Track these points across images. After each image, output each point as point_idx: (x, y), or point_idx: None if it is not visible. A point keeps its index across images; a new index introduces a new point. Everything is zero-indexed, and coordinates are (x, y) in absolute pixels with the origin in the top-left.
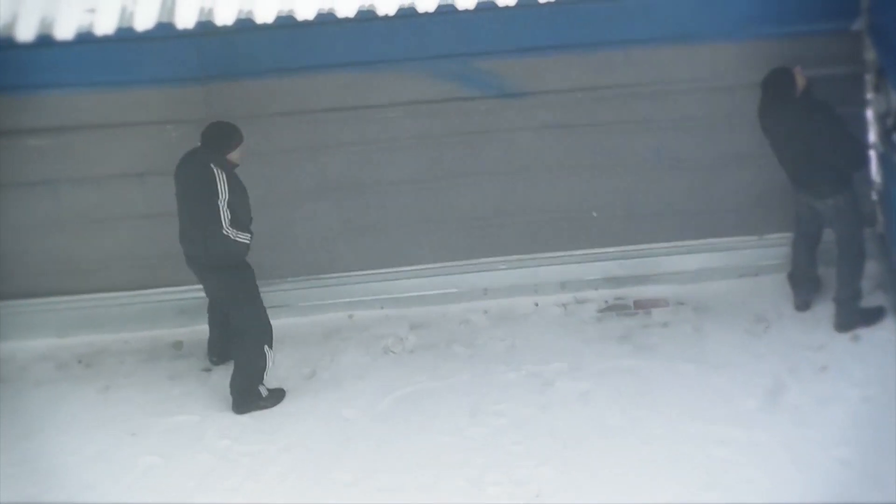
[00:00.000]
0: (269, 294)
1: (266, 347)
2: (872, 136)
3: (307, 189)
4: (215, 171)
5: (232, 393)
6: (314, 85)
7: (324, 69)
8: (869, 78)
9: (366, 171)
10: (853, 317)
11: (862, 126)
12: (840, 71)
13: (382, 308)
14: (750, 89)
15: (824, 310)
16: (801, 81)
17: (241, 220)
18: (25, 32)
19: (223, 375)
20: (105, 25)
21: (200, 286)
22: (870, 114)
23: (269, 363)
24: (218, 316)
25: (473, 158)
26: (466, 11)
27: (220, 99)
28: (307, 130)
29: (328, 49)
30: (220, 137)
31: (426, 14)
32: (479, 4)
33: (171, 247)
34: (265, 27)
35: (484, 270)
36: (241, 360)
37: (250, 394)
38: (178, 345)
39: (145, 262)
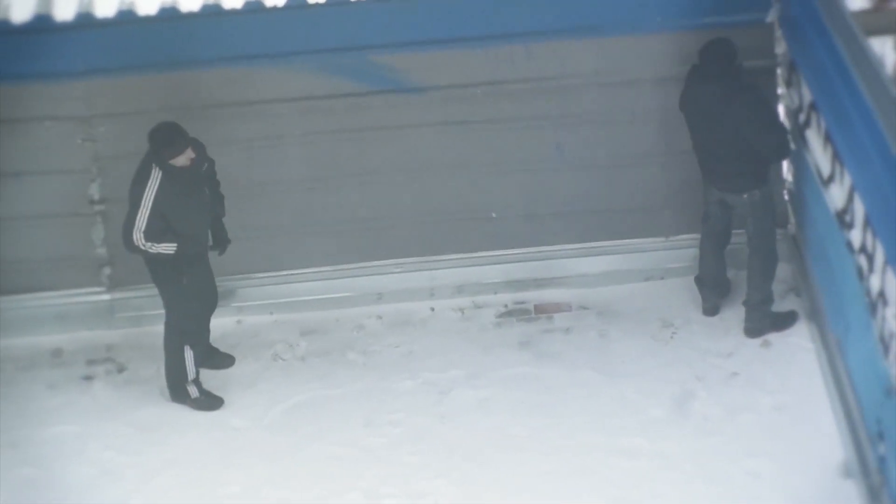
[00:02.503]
0: (153, 299)
1: (186, 347)
2: None
3: None
4: (152, 171)
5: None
6: (198, 80)
7: (209, 63)
8: (780, 72)
9: (253, 170)
10: (764, 321)
11: None
12: (751, 64)
13: (272, 313)
14: (657, 84)
15: (734, 314)
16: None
17: (171, 228)
18: None
19: (105, 384)
20: None
21: (81, 291)
22: (781, 109)
23: (189, 364)
24: None
25: (366, 157)
26: (360, 2)
27: (100, 95)
28: (191, 128)
29: (213, 42)
30: (157, 141)
31: (318, 5)
32: None
33: (51, 250)
34: (148, 20)
35: (378, 274)
36: (165, 352)
37: (178, 390)
38: (57, 352)
39: (23, 265)
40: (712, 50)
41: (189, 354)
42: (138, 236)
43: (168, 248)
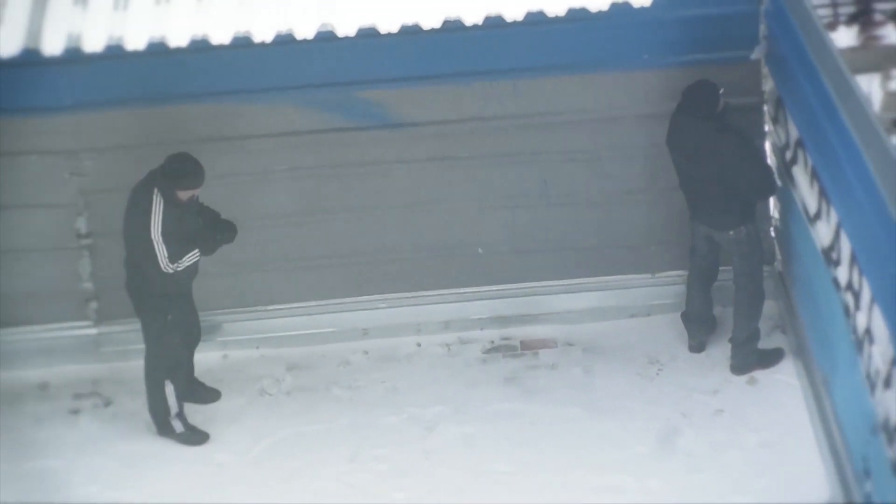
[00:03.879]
0: (135, 333)
1: (167, 382)
2: None
3: None
4: (154, 198)
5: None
6: (186, 114)
7: (195, 98)
8: (767, 109)
9: (238, 204)
10: (750, 358)
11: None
12: (738, 101)
13: (258, 348)
14: (644, 120)
15: (720, 351)
16: (721, 102)
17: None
18: None
19: (92, 418)
20: None
21: (67, 325)
22: (768, 146)
23: (171, 398)
24: None
25: (352, 192)
26: (347, 38)
27: (87, 129)
28: None
29: (201, 77)
30: (174, 171)
31: (305, 40)
32: (360, 31)
33: (38, 284)
34: (135, 54)
35: (364, 309)
36: (146, 387)
37: (163, 424)
38: (43, 386)
39: (9, 299)
40: (695, 92)
41: (170, 389)
42: (166, 265)
43: (192, 256)
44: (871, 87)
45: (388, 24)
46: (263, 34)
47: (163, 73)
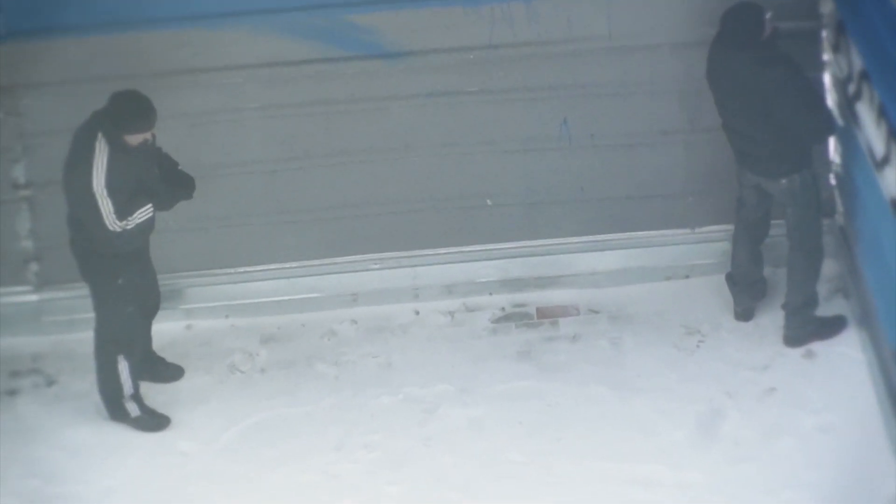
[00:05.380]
0: (83, 300)
1: (120, 358)
2: (830, 106)
3: None
4: (97, 145)
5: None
6: (142, 43)
7: (154, 24)
8: (826, 35)
9: (205, 149)
10: (806, 328)
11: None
12: (790, 26)
13: (227, 317)
14: (679, 49)
15: (771, 320)
16: (767, 28)
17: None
18: None
19: (32, 400)
20: None
21: (2, 290)
22: (827, 79)
23: (125, 377)
24: None
25: (339, 135)
26: None
27: (24, 61)
28: None
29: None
30: (119, 112)
31: None
32: None
33: None
34: None
35: (353, 271)
36: (96, 364)
37: (115, 407)
38: None
39: None
40: (735, 16)
41: (123, 366)
42: (113, 222)
43: (144, 212)
44: None
45: None
46: None
47: None
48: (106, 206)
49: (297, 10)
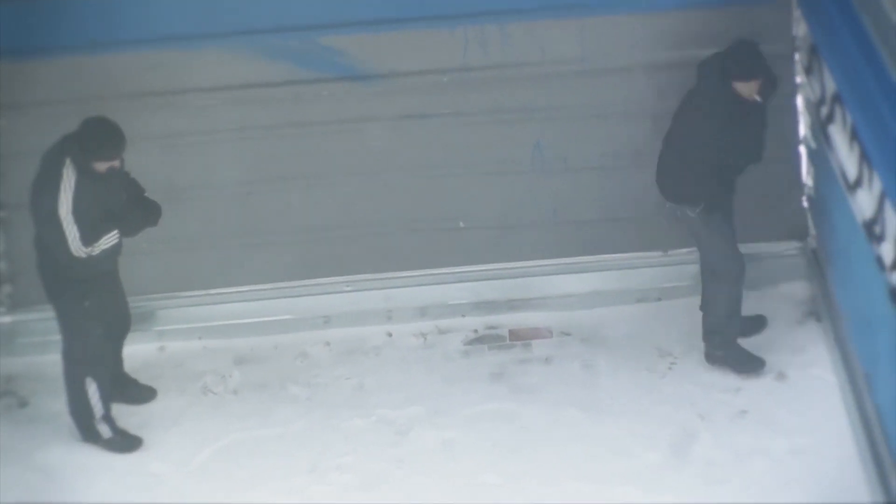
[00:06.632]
0: (55, 322)
1: (88, 380)
2: (803, 129)
3: None
4: (64, 171)
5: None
6: (115, 65)
7: (127, 46)
8: (799, 57)
9: (177, 171)
10: (725, 351)
11: (791, 117)
12: (764, 49)
13: (200, 339)
14: (652, 71)
15: (743, 342)
16: (749, 88)
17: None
18: None
19: (5, 421)
20: None
21: None
22: (800, 102)
23: (94, 399)
24: None
25: (312, 156)
26: None
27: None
28: None
29: (133, 21)
30: (88, 138)
31: None
32: None
33: None
34: None
35: (325, 293)
36: (66, 387)
37: (87, 429)
38: None
39: None
40: (738, 47)
41: (93, 388)
42: (78, 248)
43: (110, 238)
44: None
45: None
46: None
47: (90, 16)
48: (71, 231)
49: (270, 32)
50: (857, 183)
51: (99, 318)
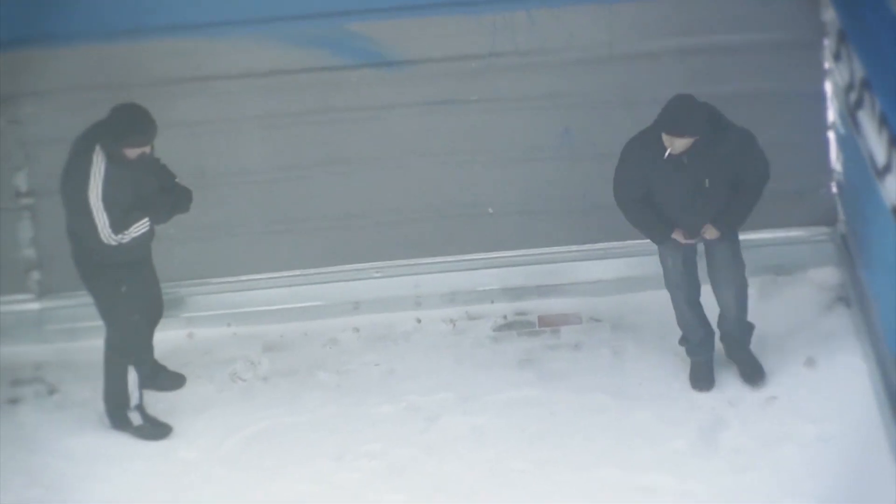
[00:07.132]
0: (89, 308)
1: (130, 369)
2: (832, 115)
3: None
4: (94, 157)
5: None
6: (141, 52)
7: (154, 33)
8: (827, 43)
9: (205, 158)
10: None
11: (820, 103)
12: (791, 36)
13: (229, 325)
14: (681, 56)
15: (772, 328)
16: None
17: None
18: None
19: (33, 408)
20: None
21: (5, 299)
22: (829, 87)
23: (132, 387)
24: None
25: (340, 143)
26: None
27: (26, 70)
28: None
29: (159, 7)
30: (119, 124)
31: None
32: None
33: None
34: None
35: (354, 279)
36: (105, 374)
37: (118, 416)
38: None
39: None
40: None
41: (132, 376)
42: (108, 235)
43: (140, 226)
44: None
45: None
46: None
47: (118, 3)
48: (101, 218)
49: (297, 19)
50: (886, 168)
51: (136, 304)
